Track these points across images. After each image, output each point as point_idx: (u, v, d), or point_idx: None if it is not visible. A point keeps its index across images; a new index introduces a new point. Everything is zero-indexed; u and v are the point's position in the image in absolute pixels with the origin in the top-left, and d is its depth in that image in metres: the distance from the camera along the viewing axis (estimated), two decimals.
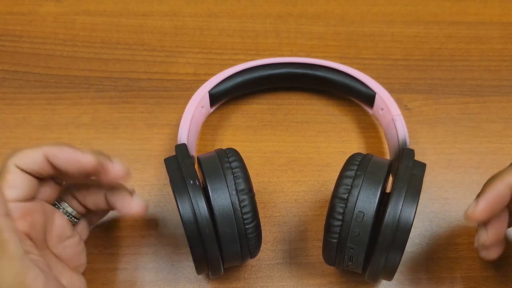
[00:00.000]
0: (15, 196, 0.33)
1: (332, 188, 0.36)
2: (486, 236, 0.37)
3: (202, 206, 0.34)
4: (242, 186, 0.35)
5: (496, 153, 0.48)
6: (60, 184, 0.37)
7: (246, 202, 0.35)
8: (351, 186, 0.35)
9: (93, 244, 0.42)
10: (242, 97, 0.50)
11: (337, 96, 0.51)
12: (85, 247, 0.39)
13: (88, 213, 0.39)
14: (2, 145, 0.46)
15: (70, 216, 0.37)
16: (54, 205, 0.37)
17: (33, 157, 0.33)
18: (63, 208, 0.37)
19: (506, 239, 0.38)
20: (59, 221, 0.36)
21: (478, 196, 0.36)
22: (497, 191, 0.35)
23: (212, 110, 0.48)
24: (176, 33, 0.55)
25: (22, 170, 0.33)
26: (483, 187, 0.36)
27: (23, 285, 0.30)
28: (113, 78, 0.51)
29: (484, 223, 0.37)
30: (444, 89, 0.52)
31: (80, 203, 0.38)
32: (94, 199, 0.38)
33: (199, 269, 0.36)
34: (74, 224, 0.38)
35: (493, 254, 0.37)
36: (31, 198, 0.34)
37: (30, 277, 0.30)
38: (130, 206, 0.37)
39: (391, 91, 0.47)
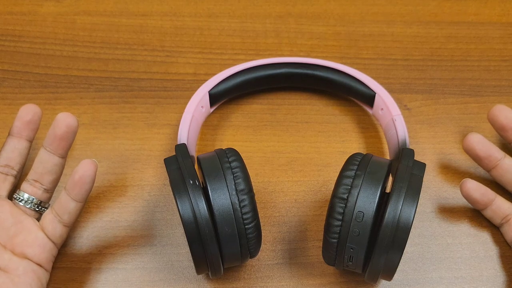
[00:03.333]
0: None
1: (332, 188, 0.36)
2: None
3: (202, 206, 0.34)
4: (242, 186, 0.35)
5: None
6: (14, 175, 0.40)
7: (246, 202, 0.35)
8: (351, 186, 0.35)
9: (93, 244, 0.42)
10: (242, 97, 0.50)
11: (337, 96, 0.51)
12: (46, 244, 0.38)
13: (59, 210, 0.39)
14: (2, 145, 0.46)
15: (26, 201, 0.39)
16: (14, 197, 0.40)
17: None
18: (18, 196, 0.39)
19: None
20: None
21: None
22: None
23: (212, 110, 0.48)
24: (176, 33, 0.55)
25: None
26: None
27: None
28: (113, 78, 0.51)
29: None
30: (444, 89, 0.52)
31: (41, 184, 0.39)
32: (48, 168, 0.39)
33: (199, 269, 0.36)
34: (39, 213, 0.40)
35: None
36: None
37: None
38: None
39: (391, 91, 0.47)
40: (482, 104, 0.51)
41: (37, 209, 0.39)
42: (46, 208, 0.40)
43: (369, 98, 0.47)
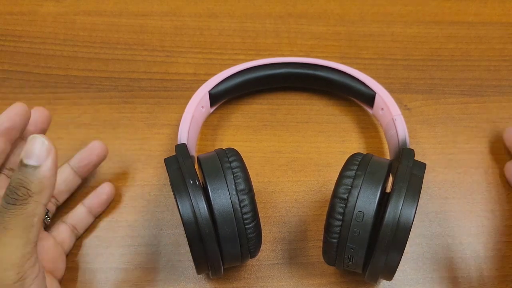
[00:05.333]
0: None
1: (332, 188, 0.36)
2: None
3: (202, 206, 0.34)
4: (242, 186, 0.35)
5: (496, 153, 0.48)
6: None
7: (246, 202, 0.35)
8: (351, 186, 0.35)
9: (93, 244, 0.42)
10: (242, 97, 0.50)
11: (337, 96, 0.51)
12: (65, 258, 0.40)
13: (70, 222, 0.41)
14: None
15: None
16: None
17: None
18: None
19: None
20: None
21: None
22: None
23: (212, 110, 0.48)
24: (176, 33, 0.55)
25: None
26: None
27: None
28: (113, 78, 0.51)
29: None
30: (444, 89, 0.52)
31: (56, 200, 0.41)
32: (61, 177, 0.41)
33: (199, 269, 0.36)
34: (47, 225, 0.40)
35: None
36: None
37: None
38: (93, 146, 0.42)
39: (391, 91, 0.47)
40: (482, 104, 0.51)
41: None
42: (48, 217, 0.40)
43: (369, 98, 0.47)
